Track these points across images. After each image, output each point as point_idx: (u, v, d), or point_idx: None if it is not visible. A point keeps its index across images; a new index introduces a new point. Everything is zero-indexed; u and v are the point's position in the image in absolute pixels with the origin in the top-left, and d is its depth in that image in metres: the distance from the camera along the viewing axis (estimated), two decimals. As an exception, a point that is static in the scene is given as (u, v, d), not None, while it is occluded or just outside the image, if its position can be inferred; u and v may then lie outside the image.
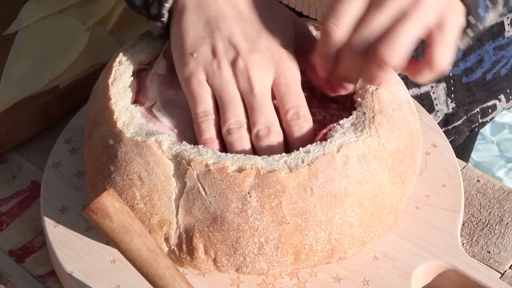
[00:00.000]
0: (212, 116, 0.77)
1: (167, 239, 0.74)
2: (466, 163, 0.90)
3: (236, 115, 0.76)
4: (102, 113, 0.79)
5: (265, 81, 0.77)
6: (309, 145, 0.74)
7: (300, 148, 0.74)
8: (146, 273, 0.70)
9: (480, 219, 0.86)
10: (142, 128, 0.77)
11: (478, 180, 0.89)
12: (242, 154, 0.74)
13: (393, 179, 0.76)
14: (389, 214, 0.77)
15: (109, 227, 0.69)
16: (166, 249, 0.74)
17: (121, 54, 0.83)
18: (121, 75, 0.81)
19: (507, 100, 1.10)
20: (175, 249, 0.74)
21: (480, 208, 0.86)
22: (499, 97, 1.09)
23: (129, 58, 0.83)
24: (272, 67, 0.77)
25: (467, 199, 0.87)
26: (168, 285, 0.69)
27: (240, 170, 0.72)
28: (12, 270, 0.82)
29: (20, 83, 0.94)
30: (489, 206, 0.87)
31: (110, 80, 0.80)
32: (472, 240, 0.84)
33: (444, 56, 0.72)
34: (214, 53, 0.78)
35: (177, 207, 0.73)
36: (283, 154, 0.74)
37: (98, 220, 0.69)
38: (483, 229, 0.85)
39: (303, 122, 0.77)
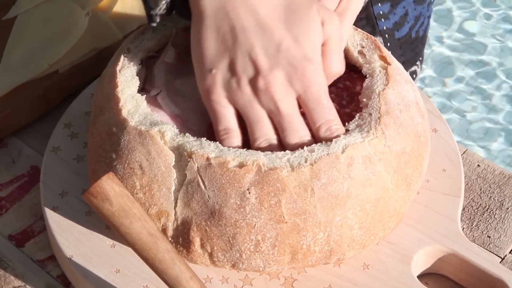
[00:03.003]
0: (233, 133, 0.75)
1: (164, 231, 0.74)
2: (466, 148, 0.90)
3: (264, 133, 0.75)
4: (108, 100, 0.79)
5: (290, 98, 0.74)
6: (314, 144, 0.74)
7: (305, 147, 0.73)
8: (146, 256, 0.70)
9: (480, 204, 0.85)
10: (146, 117, 0.76)
11: (478, 165, 0.89)
12: (244, 149, 0.74)
13: (397, 181, 0.75)
14: (391, 217, 0.76)
15: (109, 210, 0.69)
16: None
17: (130, 42, 0.83)
18: (129, 62, 0.81)
19: (420, 68, 1.11)
20: (172, 241, 0.74)
21: (481, 193, 0.86)
22: (417, 62, 1.10)
23: (138, 46, 0.83)
24: (295, 83, 0.74)
25: (467, 184, 0.87)
26: (168, 269, 0.69)
27: (241, 165, 0.72)
28: (12, 255, 0.82)
29: (19, 68, 0.94)
30: (489, 191, 0.86)
31: (118, 68, 0.80)
32: (472, 225, 0.84)
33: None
34: (233, 69, 0.74)
35: (176, 199, 0.73)
36: (287, 151, 0.73)
37: (98, 203, 0.69)
38: (483, 214, 0.85)
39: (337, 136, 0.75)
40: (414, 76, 1.12)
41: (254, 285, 0.76)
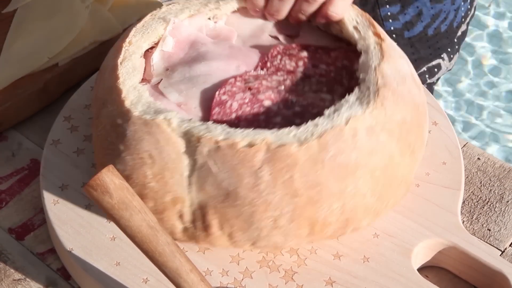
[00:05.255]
0: None
1: (181, 217, 0.74)
2: (466, 142, 0.90)
3: None
4: (110, 92, 0.79)
5: None
6: (317, 118, 0.74)
7: (309, 121, 0.74)
8: (146, 249, 0.70)
9: (481, 197, 0.85)
10: (150, 106, 0.76)
11: (478, 158, 0.88)
12: (251, 129, 0.74)
13: (402, 149, 0.76)
14: (400, 184, 0.77)
15: (108, 203, 0.69)
16: (180, 226, 0.74)
17: (131, 34, 0.83)
18: (131, 55, 0.81)
19: (449, 59, 1.13)
20: (190, 226, 0.74)
21: (481, 186, 0.86)
22: (442, 56, 1.11)
23: (139, 39, 0.83)
24: None
25: (467, 177, 0.87)
26: (168, 261, 0.69)
27: (250, 145, 0.72)
28: (12, 248, 0.82)
29: (19, 61, 0.94)
30: (489, 184, 0.86)
31: (119, 60, 0.80)
32: (472, 218, 0.84)
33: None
34: None
35: (189, 184, 0.73)
36: (292, 127, 0.74)
37: (97, 196, 0.69)
38: (483, 207, 0.85)
39: None
40: (436, 70, 1.13)
41: (254, 277, 0.76)
